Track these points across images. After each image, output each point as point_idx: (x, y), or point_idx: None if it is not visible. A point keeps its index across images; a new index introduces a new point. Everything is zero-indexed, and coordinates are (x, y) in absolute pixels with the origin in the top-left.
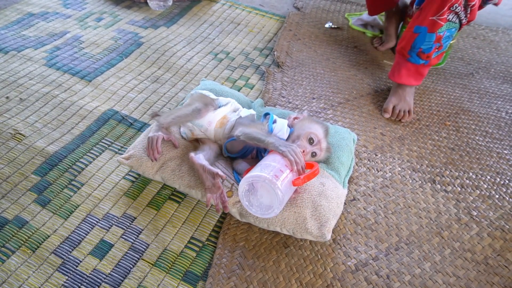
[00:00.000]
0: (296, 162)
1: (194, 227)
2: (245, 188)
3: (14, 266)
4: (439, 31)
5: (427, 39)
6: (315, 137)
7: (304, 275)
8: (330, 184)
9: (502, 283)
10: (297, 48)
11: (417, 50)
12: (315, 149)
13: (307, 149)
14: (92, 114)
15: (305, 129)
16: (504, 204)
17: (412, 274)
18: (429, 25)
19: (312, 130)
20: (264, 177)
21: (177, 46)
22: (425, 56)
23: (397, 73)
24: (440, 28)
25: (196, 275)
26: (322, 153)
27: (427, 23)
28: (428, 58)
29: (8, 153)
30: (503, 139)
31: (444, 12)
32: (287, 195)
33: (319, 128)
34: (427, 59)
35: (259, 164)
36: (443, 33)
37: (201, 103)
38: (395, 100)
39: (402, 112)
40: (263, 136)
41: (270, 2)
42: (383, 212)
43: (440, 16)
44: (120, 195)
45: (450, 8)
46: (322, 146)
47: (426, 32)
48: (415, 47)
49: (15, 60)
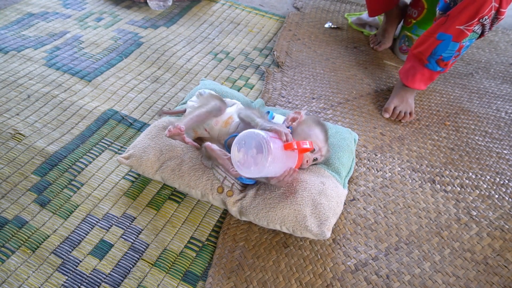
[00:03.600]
0: (285, 133)
1: (194, 227)
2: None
3: (14, 266)
4: (463, 41)
5: (450, 47)
6: (316, 146)
7: (304, 275)
8: (330, 183)
9: (502, 283)
10: (296, 48)
11: (437, 57)
12: (316, 156)
13: (310, 157)
14: (92, 114)
15: (306, 137)
16: (503, 204)
17: (411, 274)
18: (455, 34)
19: (313, 138)
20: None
21: (177, 46)
22: (444, 64)
23: (411, 77)
24: (465, 38)
25: (196, 275)
26: (322, 158)
27: (453, 32)
28: (446, 66)
29: (8, 153)
30: (502, 139)
31: (473, 23)
32: (279, 161)
33: (320, 134)
34: (444, 66)
35: None
36: (466, 43)
37: (218, 101)
38: (397, 101)
39: (403, 113)
40: (255, 117)
41: (270, 2)
42: (383, 212)
43: (469, 26)
44: (120, 195)
45: (479, 19)
46: (323, 153)
47: (450, 40)
48: (435, 54)
49: (15, 60)
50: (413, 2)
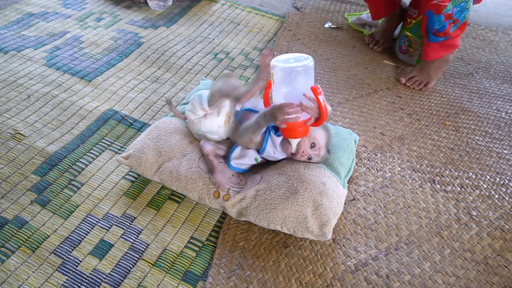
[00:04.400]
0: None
1: (194, 227)
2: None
3: (14, 266)
4: (444, 11)
5: (436, 20)
6: (317, 143)
7: (304, 275)
8: (331, 183)
9: (502, 283)
10: (296, 48)
11: (432, 31)
12: (313, 154)
13: (306, 150)
14: (92, 114)
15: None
16: (503, 204)
17: (411, 274)
18: (434, 8)
19: (317, 136)
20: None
21: (177, 46)
22: (442, 34)
23: (424, 53)
24: (445, 7)
25: (196, 275)
26: (317, 159)
27: (431, 7)
28: (446, 34)
29: (8, 153)
30: (502, 139)
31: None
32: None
33: (323, 136)
34: (445, 35)
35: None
36: (451, 10)
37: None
38: (416, 71)
39: (419, 82)
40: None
41: (269, 2)
42: (383, 212)
43: (441, 1)
44: (120, 195)
45: None
46: (320, 153)
47: (433, 14)
48: (429, 28)
49: (15, 60)
50: (413, 2)
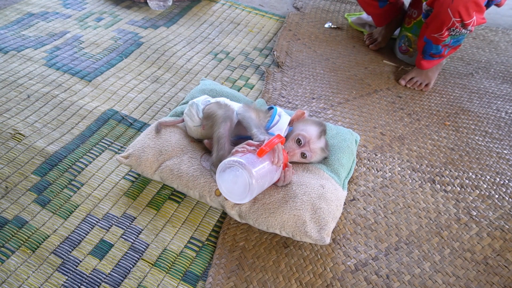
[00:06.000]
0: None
1: (194, 227)
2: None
3: (14, 266)
4: (443, 43)
5: (434, 48)
6: (303, 138)
7: (304, 275)
8: (329, 186)
9: (502, 283)
10: (296, 48)
11: (428, 53)
12: (303, 150)
13: (294, 150)
14: (92, 114)
15: (296, 130)
16: (503, 204)
17: (411, 274)
18: (433, 40)
19: (302, 132)
20: (238, 161)
21: (177, 46)
22: (438, 55)
23: (418, 63)
24: (443, 41)
25: (196, 275)
26: (313, 154)
27: (431, 38)
28: (441, 56)
29: (8, 153)
30: (502, 139)
31: (443, 33)
32: (264, 182)
33: (313, 129)
34: (440, 56)
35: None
36: (449, 41)
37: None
38: (415, 73)
39: (419, 83)
40: (252, 126)
41: (269, 2)
42: (383, 212)
43: (441, 35)
44: (120, 195)
45: (448, 30)
46: (311, 147)
47: (432, 43)
48: (426, 51)
49: (15, 60)
50: (413, 2)
